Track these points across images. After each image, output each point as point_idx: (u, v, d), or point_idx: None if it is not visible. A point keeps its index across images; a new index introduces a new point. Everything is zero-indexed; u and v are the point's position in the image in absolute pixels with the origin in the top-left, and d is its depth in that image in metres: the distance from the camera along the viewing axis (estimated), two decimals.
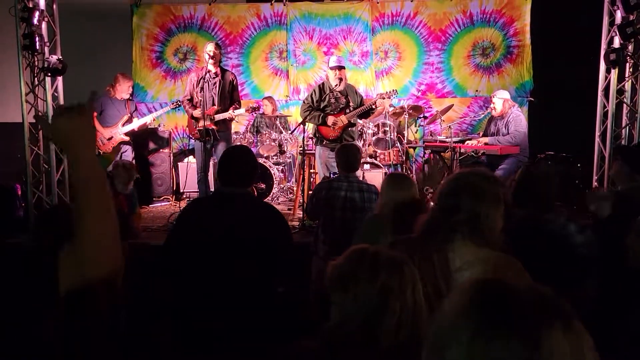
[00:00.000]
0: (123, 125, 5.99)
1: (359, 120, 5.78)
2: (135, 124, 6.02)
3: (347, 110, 5.39)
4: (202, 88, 5.31)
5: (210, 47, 5.37)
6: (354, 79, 7.18)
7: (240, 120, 7.30)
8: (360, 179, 4.40)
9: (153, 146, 6.95)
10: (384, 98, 5.57)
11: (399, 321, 1.19)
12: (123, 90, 6.10)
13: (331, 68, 5.41)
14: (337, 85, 5.36)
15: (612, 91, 5.85)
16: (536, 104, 7.22)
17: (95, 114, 6.02)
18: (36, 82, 5.81)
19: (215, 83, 5.39)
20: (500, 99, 5.74)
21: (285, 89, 7.72)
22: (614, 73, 5.84)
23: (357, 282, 1.23)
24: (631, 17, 5.53)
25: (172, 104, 6.04)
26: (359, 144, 6.01)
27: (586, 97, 6.35)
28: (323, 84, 5.52)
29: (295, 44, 7.64)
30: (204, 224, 2.48)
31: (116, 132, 5.96)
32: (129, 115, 6.04)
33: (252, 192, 2.91)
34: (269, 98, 7.32)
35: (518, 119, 5.65)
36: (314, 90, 5.53)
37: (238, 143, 6.60)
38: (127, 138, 6.05)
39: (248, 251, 2.40)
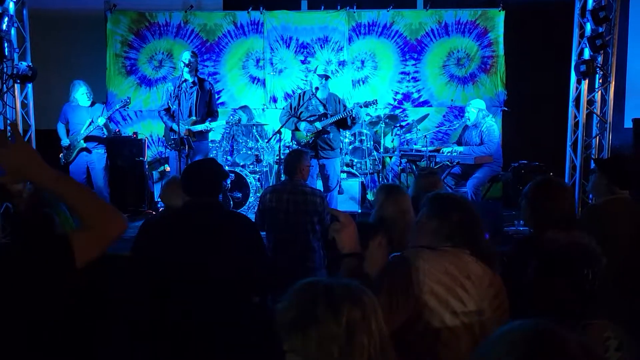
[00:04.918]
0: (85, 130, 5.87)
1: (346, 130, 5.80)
2: (88, 130, 5.86)
3: (323, 118, 5.38)
4: (178, 98, 5.23)
5: (186, 56, 5.31)
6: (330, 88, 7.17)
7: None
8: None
9: (127, 155, 6.79)
10: (361, 107, 5.56)
11: (368, 355, 1.08)
12: (78, 97, 5.95)
13: (318, 75, 5.39)
14: (318, 92, 5.35)
15: (583, 102, 5.98)
16: (509, 113, 7.34)
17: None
18: (5, 89, 5.68)
19: (192, 93, 5.31)
20: (475, 109, 5.81)
21: (262, 97, 7.69)
22: (585, 84, 5.98)
23: (319, 323, 1.07)
24: (600, 30, 5.68)
25: (121, 102, 5.95)
26: None
27: (558, 108, 6.49)
28: (305, 92, 5.51)
29: (272, 53, 7.62)
30: (178, 237, 2.46)
31: (75, 140, 5.85)
32: (91, 120, 5.88)
33: (221, 202, 2.92)
34: (245, 107, 7.27)
35: (491, 129, 5.72)
36: (294, 97, 5.54)
37: (214, 152, 6.54)
38: (84, 145, 5.91)
39: (225, 259, 2.41)
